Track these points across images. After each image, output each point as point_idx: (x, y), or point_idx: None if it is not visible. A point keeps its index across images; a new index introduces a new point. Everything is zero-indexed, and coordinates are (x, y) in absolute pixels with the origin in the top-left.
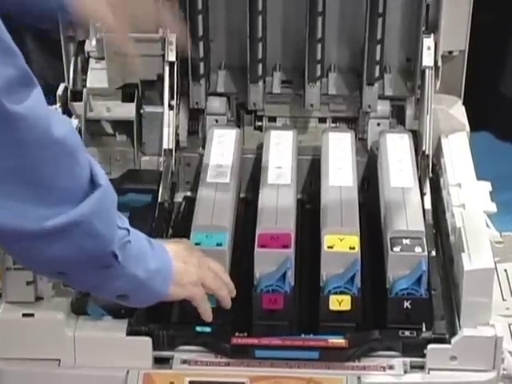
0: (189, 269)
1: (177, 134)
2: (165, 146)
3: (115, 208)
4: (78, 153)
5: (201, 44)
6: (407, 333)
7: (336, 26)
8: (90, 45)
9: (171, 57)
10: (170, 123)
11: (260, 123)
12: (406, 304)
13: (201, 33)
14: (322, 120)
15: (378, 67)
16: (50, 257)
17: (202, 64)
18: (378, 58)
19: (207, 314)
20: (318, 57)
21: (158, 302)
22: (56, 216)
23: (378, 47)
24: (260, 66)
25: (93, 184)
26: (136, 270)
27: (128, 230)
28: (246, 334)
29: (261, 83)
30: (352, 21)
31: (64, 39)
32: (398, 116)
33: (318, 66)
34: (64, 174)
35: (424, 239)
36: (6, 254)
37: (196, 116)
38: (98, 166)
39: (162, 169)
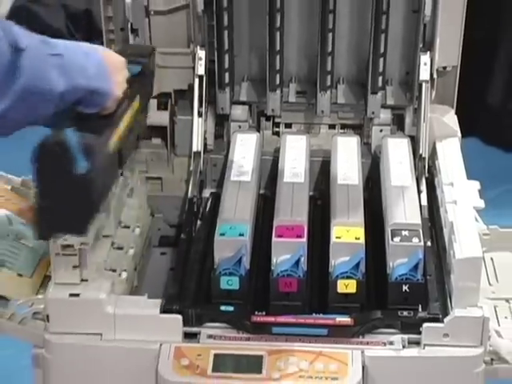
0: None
1: (205, 138)
2: (194, 148)
3: (44, 60)
4: None
5: (226, 57)
6: (405, 313)
7: (344, 41)
8: None
9: (200, 70)
10: (199, 128)
11: (277, 129)
12: (405, 288)
13: (226, 47)
14: (332, 126)
15: (380, 79)
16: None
17: (227, 75)
18: (380, 70)
19: None
20: (329, 68)
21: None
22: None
23: (381, 61)
24: (278, 76)
25: (16, 51)
26: (78, 80)
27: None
28: (264, 313)
29: (278, 92)
30: (358, 37)
31: None
32: (398, 123)
33: (329, 77)
34: None
35: (420, 231)
36: (54, 241)
37: (221, 122)
38: (17, 30)
39: (191, 168)
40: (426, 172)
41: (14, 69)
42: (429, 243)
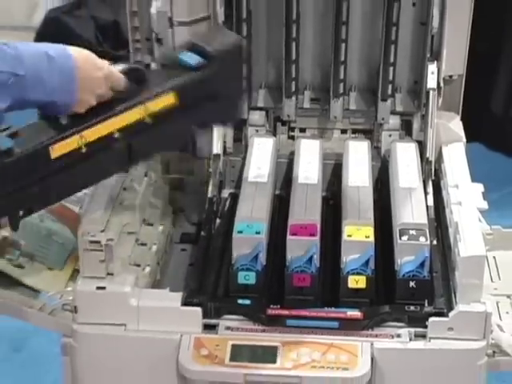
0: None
1: (224, 142)
2: (214, 151)
3: None
4: None
5: (244, 66)
6: (412, 307)
7: (356, 51)
8: None
9: None
10: (219, 132)
11: (292, 133)
12: (412, 284)
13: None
14: (344, 131)
15: (390, 87)
16: None
17: (245, 83)
18: (390, 78)
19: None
20: (341, 77)
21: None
22: None
23: (391, 70)
24: (293, 84)
25: None
26: (35, 94)
27: (13, 74)
28: (279, 307)
29: (294, 99)
30: (369, 47)
31: None
32: (406, 128)
33: (341, 85)
34: None
35: (427, 230)
36: (83, 236)
37: (240, 126)
38: None
39: (211, 170)
40: (433, 175)
41: None
42: (435, 242)
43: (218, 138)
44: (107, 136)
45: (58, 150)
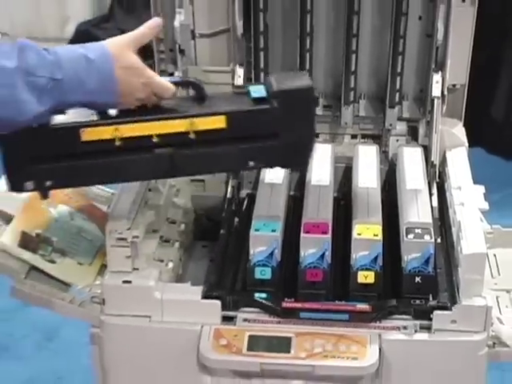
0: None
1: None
2: None
3: (13, 85)
4: None
5: (261, 75)
6: (418, 301)
7: (366, 62)
8: None
9: None
10: None
11: None
12: (417, 279)
13: (262, 66)
14: (354, 136)
15: (397, 95)
16: None
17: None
18: (397, 87)
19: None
20: (352, 85)
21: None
22: None
23: (398, 79)
24: None
25: None
26: (74, 95)
27: (51, 78)
28: (293, 300)
29: None
30: (378, 58)
31: None
32: (412, 134)
33: (352, 93)
34: None
35: (432, 229)
36: (110, 233)
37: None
38: None
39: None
40: (437, 177)
41: None
42: (439, 240)
43: None
44: (145, 137)
45: (88, 134)
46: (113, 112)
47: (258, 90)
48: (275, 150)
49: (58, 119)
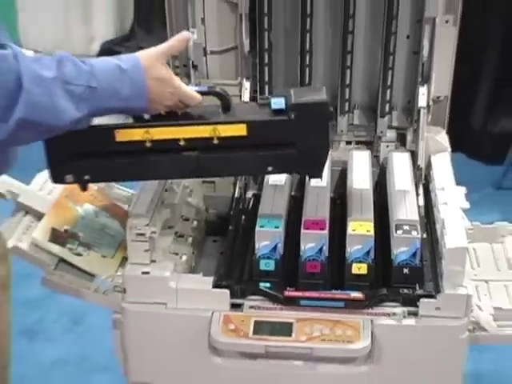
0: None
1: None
2: None
3: (52, 94)
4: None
5: (266, 88)
6: (406, 290)
7: (359, 76)
8: None
9: (245, 98)
10: None
11: None
12: (405, 270)
13: (266, 80)
14: (349, 142)
15: (387, 106)
16: (28, 141)
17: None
18: (388, 99)
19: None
20: (347, 97)
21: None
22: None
23: (388, 91)
24: None
25: (18, 87)
26: (108, 103)
27: (88, 87)
28: (294, 289)
29: None
30: (371, 72)
31: None
32: (401, 140)
33: (347, 104)
34: None
35: (418, 226)
36: (130, 229)
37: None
38: (36, 66)
39: None
40: (423, 179)
41: (12, 103)
42: (425, 235)
43: None
44: (172, 140)
45: (121, 135)
46: (146, 116)
47: (277, 102)
48: (292, 158)
49: (98, 121)
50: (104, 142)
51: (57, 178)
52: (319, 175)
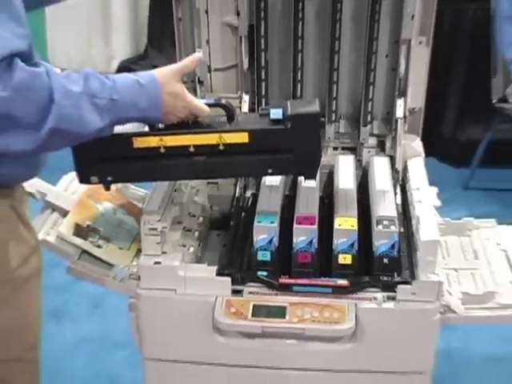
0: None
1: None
2: None
3: (79, 106)
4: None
5: (263, 101)
6: (385, 278)
7: (345, 90)
8: None
9: (244, 109)
10: None
11: None
12: (385, 260)
13: (263, 93)
14: (335, 148)
15: (369, 116)
16: (57, 147)
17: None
18: (369, 110)
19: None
20: (333, 108)
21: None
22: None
23: (370, 104)
24: None
25: (50, 101)
26: (127, 113)
27: (110, 99)
28: (287, 277)
29: None
30: (355, 87)
31: None
32: (381, 146)
33: (333, 114)
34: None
35: (396, 221)
36: (144, 225)
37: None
38: (64, 81)
39: None
40: (400, 180)
41: (45, 115)
42: (402, 230)
43: None
44: (183, 147)
45: (139, 142)
46: (160, 125)
47: (276, 113)
48: (289, 162)
49: (118, 129)
50: (124, 148)
51: (83, 179)
52: (313, 177)
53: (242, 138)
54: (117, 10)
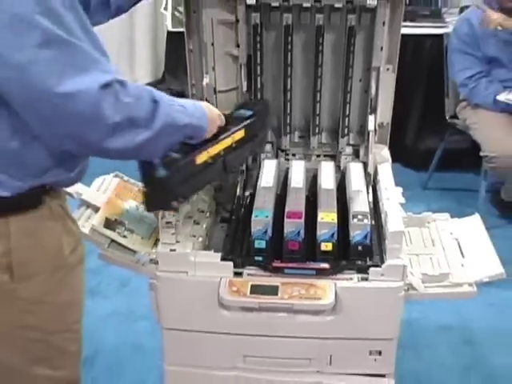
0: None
1: (246, 163)
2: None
3: (171, 105)
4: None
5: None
6: (360, 262)
7: (326, 108)
8: None
9: None
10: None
11: (288, 157)
12: (360, 248)
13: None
14: (318, 156)
15: (346, 129)
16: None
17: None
18: (346, 124)
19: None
20: (317, 123)
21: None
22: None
23: (347, 119)
24: (288, 127)
25: (154, 102)
26: (191, 119)
27: (182, 105)
28: (280, 261)
29: (288, 136)
30: (334, 105)
31: None
32: (356, 154)
33: (317, 128)
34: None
35: (369, 215)
36: (161, 219)
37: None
38: (154, 90)
39: (238, 179)
40: (372, 182)
41: (154, 113)
42: (373, 222)
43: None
44: (218, 153)
45: (199, 158)
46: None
47: (247, 112)
48: (255, 144)
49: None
50: (191, 167)
51: (167, 206)
52: (263, 151)
53: (242, 133)
54: (139, 42)
